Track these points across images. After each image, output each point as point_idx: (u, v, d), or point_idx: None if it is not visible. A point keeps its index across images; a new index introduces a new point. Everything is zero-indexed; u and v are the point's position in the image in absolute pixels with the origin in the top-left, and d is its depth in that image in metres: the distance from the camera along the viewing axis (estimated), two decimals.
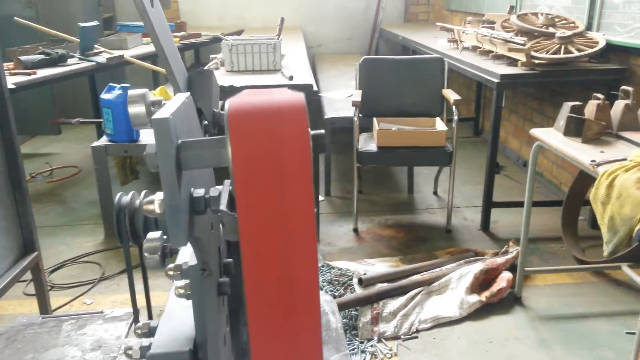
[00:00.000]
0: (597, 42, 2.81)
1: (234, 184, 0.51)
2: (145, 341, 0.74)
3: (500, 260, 2.54)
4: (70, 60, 3.41)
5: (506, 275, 2.45)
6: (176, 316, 0.77)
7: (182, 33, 4.69)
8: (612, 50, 2.83)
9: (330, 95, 3.87)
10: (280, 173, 0.50)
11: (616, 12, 2.81)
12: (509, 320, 2.27)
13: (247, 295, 0.53)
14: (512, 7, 3.79)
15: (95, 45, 3.75)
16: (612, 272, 2.57)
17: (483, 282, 2.44)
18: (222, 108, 0.81)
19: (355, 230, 3.07)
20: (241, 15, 5.87)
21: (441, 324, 2.24)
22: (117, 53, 3.74)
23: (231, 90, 0.90)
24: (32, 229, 1.73)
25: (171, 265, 0.68)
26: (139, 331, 0.78)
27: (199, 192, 0.60)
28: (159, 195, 0.57)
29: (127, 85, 2.85)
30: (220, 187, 0.61)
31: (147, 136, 3.00)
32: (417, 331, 2.21)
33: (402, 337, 2.17)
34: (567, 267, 2.61)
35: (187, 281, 0.68)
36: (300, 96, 0.54)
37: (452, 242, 2.91)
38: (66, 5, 5.03)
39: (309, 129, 0.52)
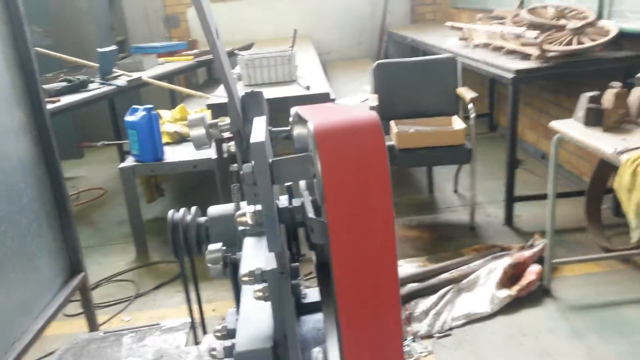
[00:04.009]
0: (609, 31, 2.83)
1: (325, 194, 0.57)
2: (227, 342, 0.81)
3: (527, 253, 2.57)
4: (91, 85, 3.50)
5: (535, 268, 2.47)
6: (252, 318, 0.83)
7: (195, 51, 4.79)
8: (625, 37, 2.84)
9: (346, 101, 3.92)
10: (364, 183, 0.57)
11: None
12: (541, 313, 2.29)
13: (337, 290, 0.59)
14: (521, 2, 3.81)
15: (114, 69, 3.85)
16: (639, 258, 2.58)
17: (512, 276, 2.47)
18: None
19: None
20: (250, 28, 5.96)
21: (473, 320, 2.27)
22: (135, 75, 3.83)
23: (256, 95, 0.99)
24: (78, 250, 1.81)
25: (245, 272, 0.74)
26: (218, 334, 0.85)
27: (283, 203, 0.67)
28: (249, 208, 0.65)
29: (151, 106, 2.93)
30: (299, 199, 0.68)
31: (171, 154, 3.08)
32: (450, 329, 2.24)
33: (435, 335, 2.21)
34: (594, 256, 2.62)
35: (265, 284, 0.74)
36: (374, 114, 0.60)
37: (477, 239, 2.94)
38: (81, 31, 5.17)
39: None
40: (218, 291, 2.64)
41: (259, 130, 0.71)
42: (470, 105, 2.98)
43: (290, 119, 0.95)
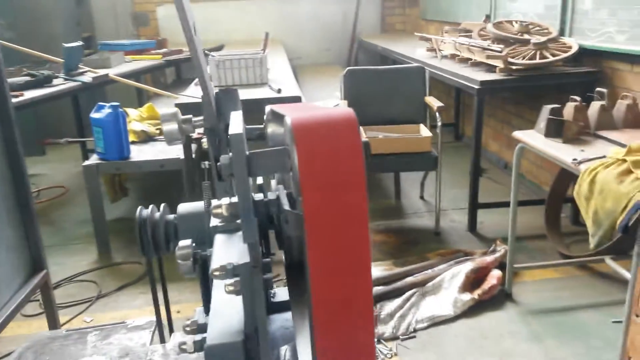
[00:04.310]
0: (570, 47, 2.95)
1: (302, 187, 0.58)
2: (198, 337, 0.80)
3: (489, 259, 2.64)
4: (55, 81, 3.42)
5: (496, 273, 2.54)
6: (222, 313, 0.83)
7: (164, 50, 4.73)
8: (584, 54, 2.97)
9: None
10: (340, 176, 0.58)
11: (586, 18, 2.96)
12: (502, 316, 2.35)
13: (311, 280, 0.60)
14: (487, 16, 3.93)
15: (79, 65, 3.77)
16: (595, 265, 2.68)
17: (474, 280, 2.53)
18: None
19: None
20: (221, 29, 5.93)
21: (437, 322, 2.32)
22: (101, 72, 3.76)
23: (231, 92, 0.99)
24: (40, 247, 1.76)
25: (216, 266, 0.74)
26: (188, 329, 0.84)
27: (259, 196, 0.68)
28: (224, 201, 0.65)
29: (117, 103, 2.88)
30: (274, 193, 0.68)
31: (137, 153, 3.03)
32: (415, 331, 2.28)
33: (400, 337, 2.24)
34: (553, 262, 2.72)
35: (237, 279, 0.74)
36: (350, 110, 0.61)
37: (442, 244, 3.00)
38: (46, 26, 5.04)
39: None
40: (183, 293, 2.61)
41: (237, 122, 0.71)
42: (437, 114, 3.05)
43: (265, 117, 0.96)
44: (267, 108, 0.93)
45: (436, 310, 2.36)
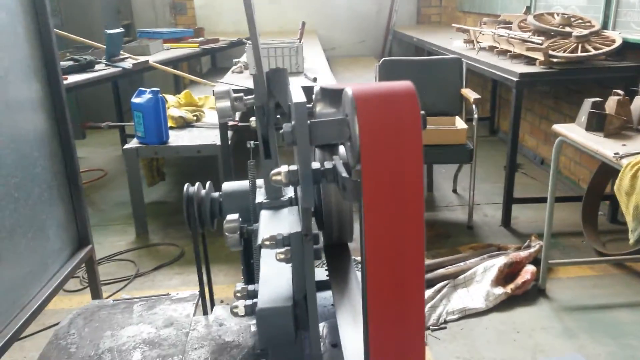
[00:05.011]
0: (613, 41, 2.88)
1: (362, 154, 0.60)
2: (248, 301, 0.84)
3: (523, 254, 2.61)
4: (97, 66, 3.51)
5: (530, 268, 2.51)
6: (271, 281, 0.87)
7: (201, 39, 4.80)
8: (628, 48, 2.89)
9: None
10: (398, 145, 0.60)
11: (632, 11, 2.88)
12: (535, 311, 2.33)
13: (367, 247, 0.62)
14: (527, 8, 3.86)
15: (120, 52, 3.85)
16: (633, 264, 2.63)
17: (507, 275, 2.51)
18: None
19: None
20: (256, 20, 5.96)
21: (468, 315, 2.31)
22: (141, 59, 3.84)
23: (280, 72, 1.03)
24: (87, 223, 1.83)
25: (267, 236, 0.77)
26: (238, 294, 0.88)
27: (315, 165, 0.70)
28: (283, 168, 0.68)
29: (157, 89, 2.95)
30: (330, 162, 0.71)
31: (175, 138, 3.10)
32: (445, 322, 2.28)
33: (431, 327, 2.24)
34: (589, 259, 2.67)
35: (288, 248, 0.77)
36: (410, 83, 0.62)
37: (474, 238, 2.98)
38: (87, 12, 5.17)
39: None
40: (217, 275, 2.66)
41: (298, 93, 0.74)
42: (474, 106, 3.02)
43: (314, 96, 0.98)
44: (317, 87, 0.95)
45: (468, 302, 2.35)
